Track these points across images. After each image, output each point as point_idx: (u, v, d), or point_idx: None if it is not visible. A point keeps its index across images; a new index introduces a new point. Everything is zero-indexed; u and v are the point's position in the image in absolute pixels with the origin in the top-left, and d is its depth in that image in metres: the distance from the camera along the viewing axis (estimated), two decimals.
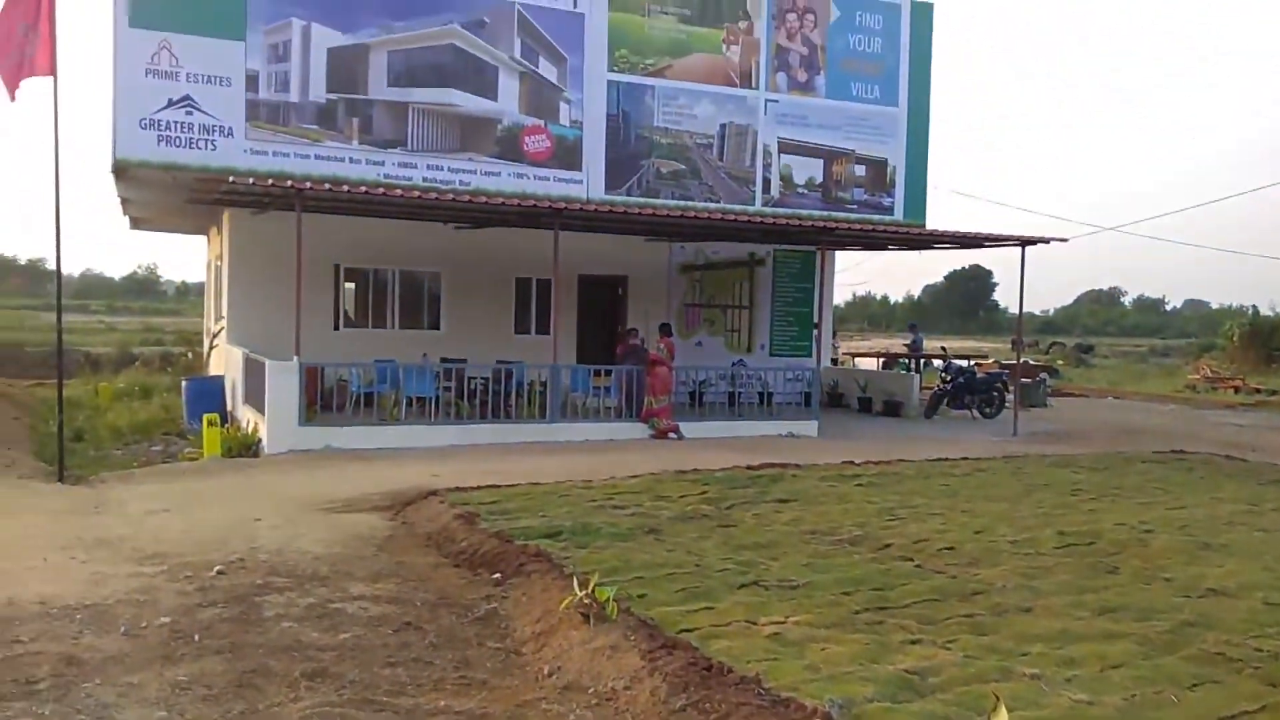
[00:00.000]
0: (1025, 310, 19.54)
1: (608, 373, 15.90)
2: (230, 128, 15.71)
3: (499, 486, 10.12)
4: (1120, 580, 7.10)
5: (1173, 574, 7.26)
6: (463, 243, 18.17)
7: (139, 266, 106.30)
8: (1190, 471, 12.83)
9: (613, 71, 18.35)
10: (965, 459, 13.26)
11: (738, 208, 19.01)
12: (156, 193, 17.39)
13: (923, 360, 27.39)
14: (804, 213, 19.47)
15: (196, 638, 5.68)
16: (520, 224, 16.74)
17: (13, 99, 11.10)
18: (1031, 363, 31.58)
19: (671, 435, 15.16)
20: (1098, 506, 9.97)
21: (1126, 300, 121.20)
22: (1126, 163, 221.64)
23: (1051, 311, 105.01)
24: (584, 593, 5.84)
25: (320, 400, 14.27)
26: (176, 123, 15.35)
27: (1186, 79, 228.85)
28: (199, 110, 15.48)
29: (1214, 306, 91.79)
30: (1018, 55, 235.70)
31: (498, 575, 7.07)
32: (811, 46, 19.97)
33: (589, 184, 18.15)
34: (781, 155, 19.83)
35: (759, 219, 17.06)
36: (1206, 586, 6.90)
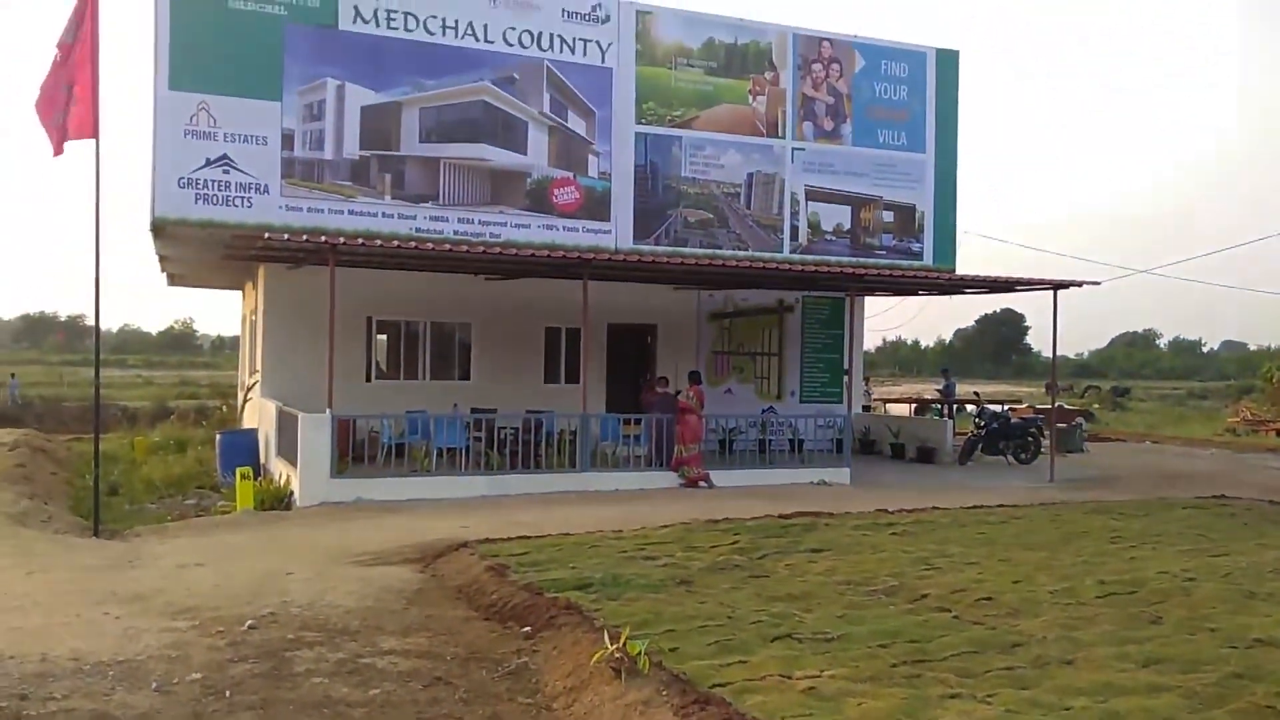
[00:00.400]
0: (1059, 354, 19.37)
1: (638, 421, 15.88)
2: (266, 185, 16.03)
3: (529, 538, 10.08)
4: (1164, 631, 6.91)
5: (1218, 624, 7.06)
6: (493, 294, 18.33)
7: (176, 321, 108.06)
8: (1233, 517, 12.53)
9: (640, 124, 18.57)
10: (1002, 506, 13.06)
11: (766, 255, 19.08)
12: (194, 249, 17.73)
13: (955, 405, 27.14)
14: (832, 259, 19.49)
15: (228, 694, 5.67)
16: (550, 274, 16.87)
17: (57, 154, 11.42)
18: (1066, 407, 31.19)
19: (702, 484, 15.07)
20: (1139, 554, 9.76)
21: (1162, 342, 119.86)
22: (1162, 204, 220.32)
23: (1086, 354, 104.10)
24: (615, 646, 5.78)
25: (352, 452, 14.35)
26: (214, 181, 15.68)
27: (1213, 115, 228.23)
28: (236, 169, 15.81)
29: (1252, 348, 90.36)
30: (1052, 94, 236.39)
31: (528, 628, 7.02)
32: (837, 95, 20.12)
33: (618, 234, 18.29)
34: (809, 202, 19.91)
35: (787, 266, 17.09)
36: (1253, 637, 6.70)
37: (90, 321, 13.11)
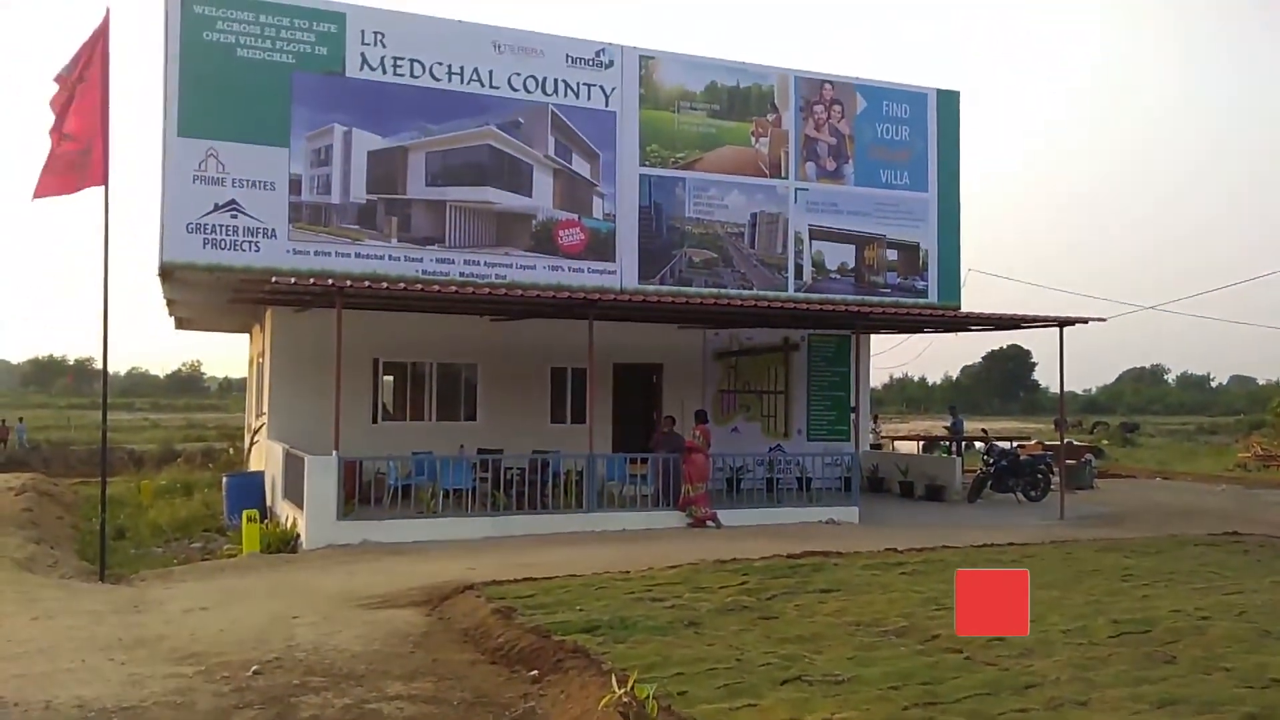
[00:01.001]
0: (1067, 390, 19.31)
1: (644, 460, 15.84)
2: (274, 229, 16.16)
3: (536, 579, 10.02)
4: (1179, 670, 6.83)
5: (1233, 663, 6.97)
6: (499, 335, 18.39)
7: (183, 364, 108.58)
8: (1246, 554, 12.42)
9: (644, 166, 18.73)
10: (1012, 544, 12.96)
11: (771, 294, 19.15)
12: (201, 293, 17.84)
13: (964, 443, 27.04)
14: (837, 297, 19.55)
15: None
16: (555, 315, 16.93)
17: (36, 197, 11.42)
18: (1076, 443, 31.04)
19: (709, 524, 14.99)
20: (1151, 592, 9.66)
21: (1170, 378, 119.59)
22: (1165, 240, 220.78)
23: (1094, 390, 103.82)
24: (623, 690, 5.72)
25: (358, 494, 14.31)
26: (222, 226, 15.82)
27: (1225, 153, 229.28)
28: (244, 214, 15.96)
29: (1261, 382, 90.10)
30: (1053, 135, 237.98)
31: (535, 672, 6.96)
32: (839, 136, 20.29)
33: (622, 274, 18.38)
34: (813, 241, 20.00)
35: (792, 304, 17.13)
36: (1270, 677, 6.61)
37: (98, 365, 13.16)
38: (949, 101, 21.16)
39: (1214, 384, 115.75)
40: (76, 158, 11.46)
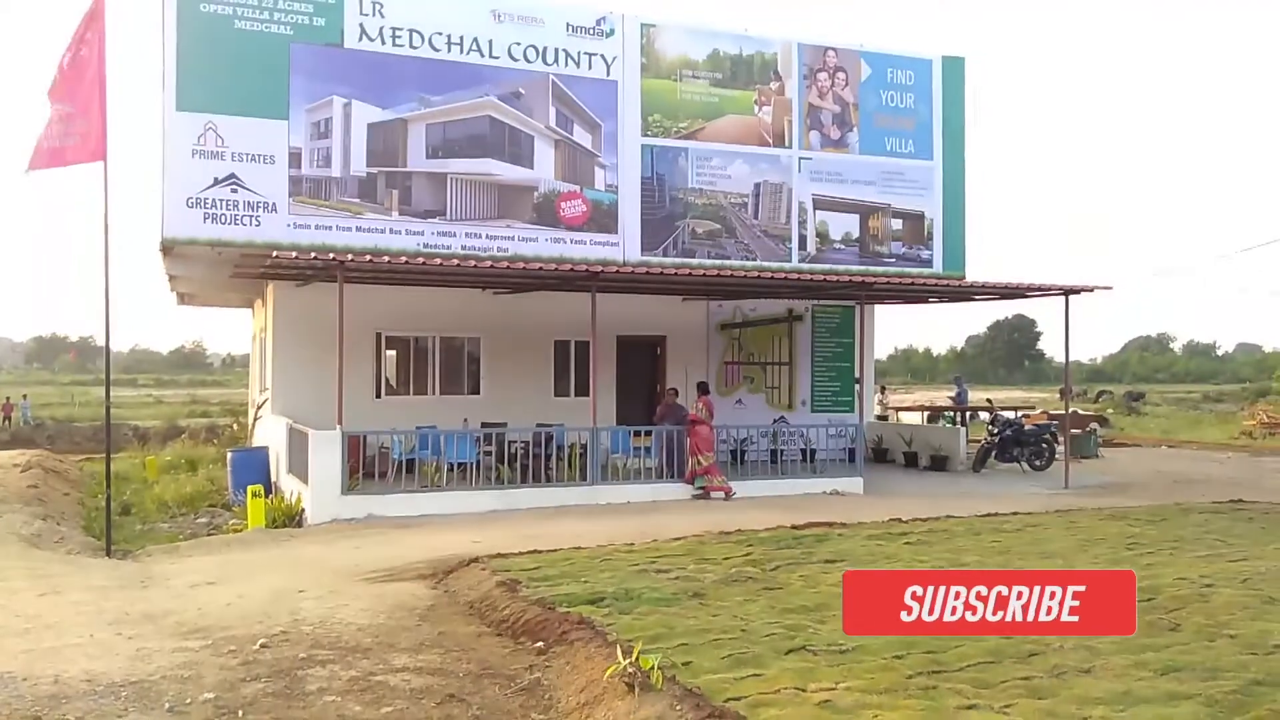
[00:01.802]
0: (1072, 359, 19.26)
1: (648, 433, 15.84)
2: (274, 203, 16.08)
3: (541, 552, 10.05)
4: (1182, 638, 6.84)
5: (1237, 630, 6.98)
6: (502, 308, 18.34)
7: (186, 341, 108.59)
8: (1251, 522, 12.42)
9: (646, 136, 18.60)
10: (1016, 513, 12.96)
11: (774, 265, 19.06)
12: (203, 269, 17.79)
13: (968, 413, 27.00)
14: (841, 268, 19.46)
15: (240, 714, 5.65)
16: (558, 287, 16.87)
17: (30, 169, 11.42)
18: (1081, 412, 31.00)
19: (714, 494, 14.99)
20: (1155, 560, 9.67)
21: (1176, 346, 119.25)
22: (1172, 206, 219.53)
23: (1099, 359, 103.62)
24: (628, 661, 5.74)
25: (363, 468, 14.35)
26: (222, 200, 15.75)
27: (1234, 117, 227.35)
28: (244, 188, 15.88)
29: (1267, 350, 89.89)
30: (1057, 100, 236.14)
31: (540, 644, 6.98)
32: (843, 104, 20.12)
33: (625, 246, 18.30)
34: (817, 211, 19.88)
35: (796, 275, 17.05)
36: (1273, 643, 6.62)
37: (101, 342, 13.16)
38: (954, 68, 20.96)
39: (1220, 352, 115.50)
40: (76, 132, 11.39)
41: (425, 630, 7.53)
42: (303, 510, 13.37)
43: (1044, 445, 19.61)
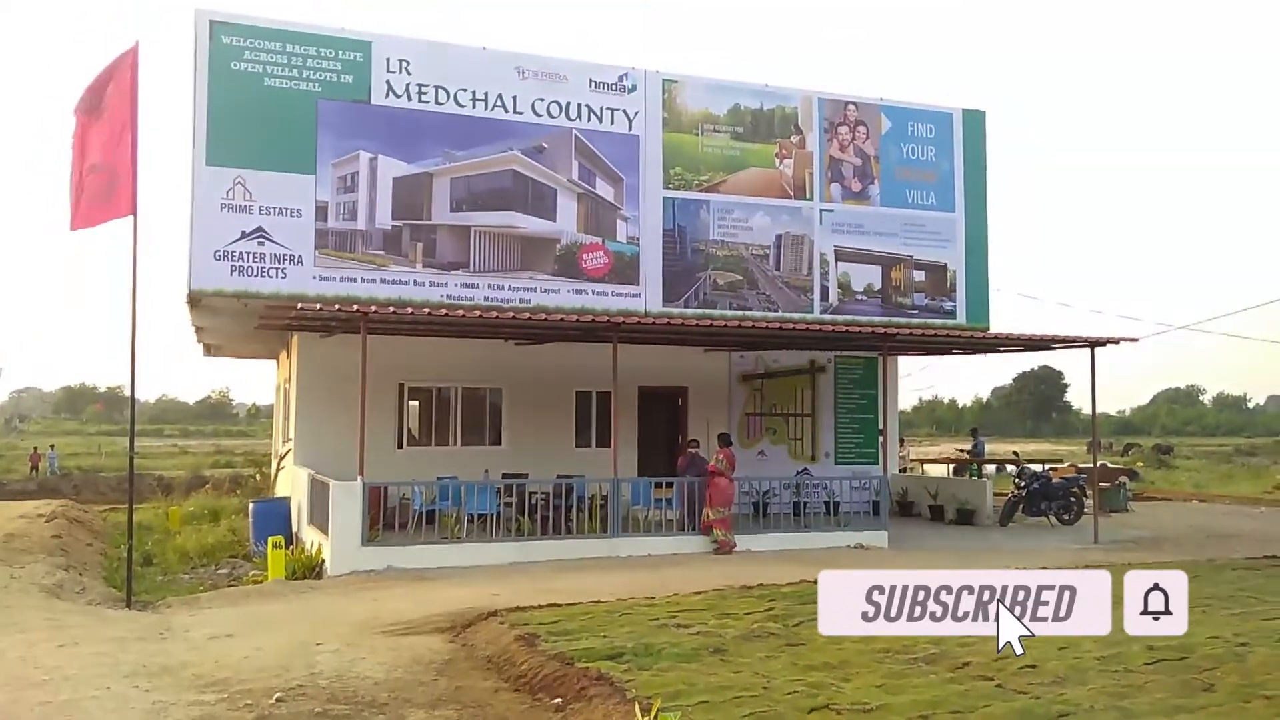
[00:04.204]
0: (1100, 411, 19.04)
1: (669, 485, 15.73)
2: (300, 256, 16.28)
3: (560, 605, 9.94)
4: (1217, 699, 6.65)
5: (1273, 691, 6.77)
6: (524, 358, 18.40)
7: (212, 391, 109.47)
8: None
9: (668, 189, 18.75)
10: (1044, 569, 12.69)
11: (796, 316, 19.05)
12: (229, 320, 17.99)
13: (983, 465, 26.88)
14: (864, 319, 19.41)
15: None
16: (580, 339, 16.91)
17: (74, 228, 11.64)
18: (1110, 466, 30.58)
19: (721, 551, 14.76)
20: (1189, 618, 9.41)
21: (1206, 398, 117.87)
22: (1197, 259, 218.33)
23: (1128, 412, 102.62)
24: (647, 719, 5.63)
25: (383, 519, 14.31)
26: (249, 253, 15.96)
27: (1258, 165, 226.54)
28: (270, 241, 16.09)
29: None
30: (1080, 152, 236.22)
31: (559, 700, 6.88)
32: (864, 156, 20.23)
33: (647, 298, 18.35)
34: (839, 263, 19.90)
35: (818, 326, 17.02)
36: None
37: (129, 392, 13.28)
38: (974, 121, 21.06)
39: (1251, 404, 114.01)
40: (105, 188, 11.60)
41: (442, 685, 7.44)
42: (323, 561, 13.33)
43: (1072, 499, 19.32)
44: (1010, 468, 25.53)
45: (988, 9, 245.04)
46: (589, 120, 18.17)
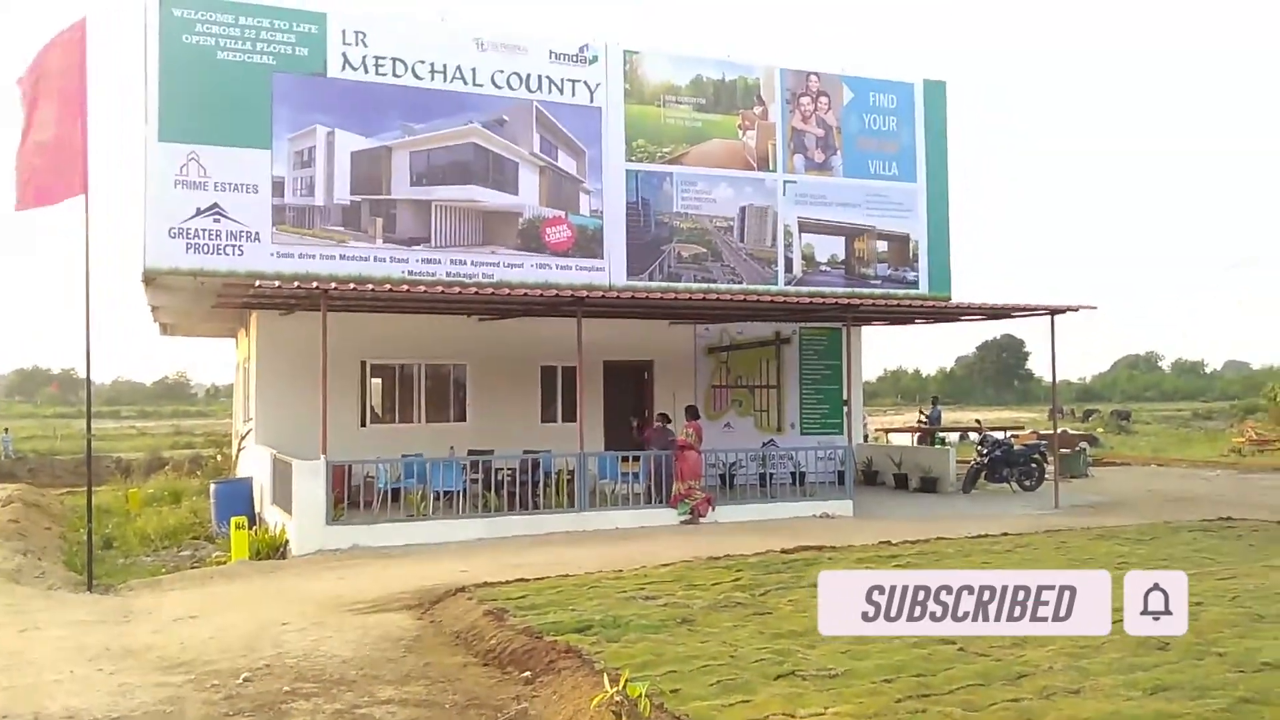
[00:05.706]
0: (1061, 378, 19.32)
1: (636, 458, 15.77)
2: (257, 233, 16.04)
3: (528, 580, 9.96)
4: (1171, 657, 6.80)
5: (1225, 648, 6.95)
6: (487, 334, 18.30)
7: (170, 372, 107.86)
8: (1240, 539, 12.42)
9: (631, 161, 18.65)
10: (1006, 534, 12.93)
11: (760, 288, 19.08)
12: (185, 299, 17.72)
13: (940, 434, 27.37)
14: (827, 290, 19.49)
15: None
16: (544, 313, 16.86)
17: (19, 208, 11.37)
18: (1070, 432, 31.07)
19: (702, 516, 14.91)
20: None
21: (1165, 364, 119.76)
22: (1156, 223, 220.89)
23: (1089, 378, 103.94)
24: (615, 690, 5.67)
25: (348, 498, 14.23)
26: (205, 230, 15.69)
27: (1221, 130, 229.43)
28: (226, 217, 15.83)
29: (1255, 367, 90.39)
30: (1042, 121, 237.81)
31: (527, 673, 6.90)
32: (827, 128, 20.24)
33: (611, 271, 18.30)
34: (802, 234, 19.95)
35: (782, 298, 17.06)
36: (1262, 660, 6.60)
37: (83, 373, 13.07)
38: (935, 92, 21.12)
39: (1209, 370, 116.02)
40: (54, 167, 11.32)
41: (410, 661, 7.44)
42: (287, 541, 13.23)
43: (1033, 465, 19.64)
44: (973, 435, 25.87)
45: None
46: (550, 92, 18.01)
